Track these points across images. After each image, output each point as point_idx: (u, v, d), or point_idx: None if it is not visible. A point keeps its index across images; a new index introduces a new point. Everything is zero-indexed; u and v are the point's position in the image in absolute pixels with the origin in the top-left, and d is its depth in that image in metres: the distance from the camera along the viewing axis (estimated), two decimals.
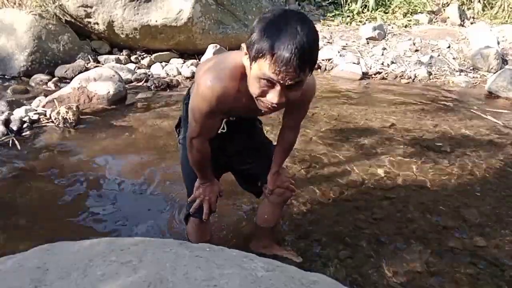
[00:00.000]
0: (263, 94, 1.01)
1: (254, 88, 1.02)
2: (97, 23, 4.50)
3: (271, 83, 0.97)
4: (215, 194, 1.44)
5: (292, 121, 1.39)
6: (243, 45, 1.03)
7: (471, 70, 5.03)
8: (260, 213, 1.69)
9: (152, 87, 3.90)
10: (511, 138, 3.09)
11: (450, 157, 2.69)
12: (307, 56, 0.93)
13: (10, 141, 2.61)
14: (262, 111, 1.10)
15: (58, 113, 2.90)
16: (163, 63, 4.63)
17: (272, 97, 0.99)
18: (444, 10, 6.40)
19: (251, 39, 0.97)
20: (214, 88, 1.10)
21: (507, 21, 6.11)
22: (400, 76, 4.76)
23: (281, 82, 0.95)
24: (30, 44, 4.04)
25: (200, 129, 1.22)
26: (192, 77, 4.13)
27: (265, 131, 1.68)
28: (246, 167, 1.53)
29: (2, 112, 2.93)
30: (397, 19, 6.19)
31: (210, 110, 1.14)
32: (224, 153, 1.47)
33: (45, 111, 3.06)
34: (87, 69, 3.95)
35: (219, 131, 1.34)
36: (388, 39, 5.56)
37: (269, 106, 1.03)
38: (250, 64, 0.99)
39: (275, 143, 1.50)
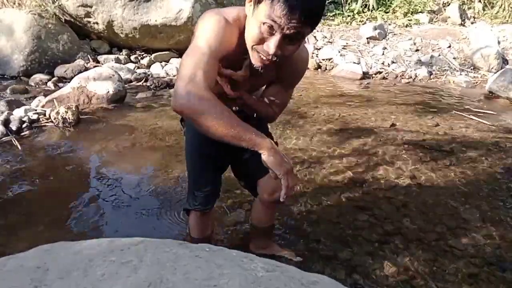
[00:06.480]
0: (260, 41, 0.97)
1: (252, 34, 0.97)
2: (97, 23, 4.51)
3: (271, 29, 0.94)
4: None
5: (272, 92, 1.26)
6: None
7: (471, 69, 5.03)
8: (254, 212, 1.68)
9: (151, 86, 3.91)
10: (511, 138, 3.09)
11: (451, 157, 2.69)
12: (312, 5, 0.91)
13: (10, 141, 2.61)
14: (256, 66, 1.02)
15: (58, 113, 2.90)
16: (163, 63, 4.63)
17: (270, 45, 0.95)
18: (444, 9, 6.40)
19: None
20: (220, 20, 1.01)
21: (507, 20, 6.11)
22: (400, 76, 4.76)
23: (283, 27, 0.92)
24: (29, 44, 4.04)
25: (197, 65, 0.95)
26: None
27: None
28: (250, 164, 1.50)
29: (2, 112, 2.92)
30: (397, 18, 6.19)
31: (215, 41, 0.99)
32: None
33: (45, 111, 3.06)
34: (86, 69, 3.95)
35: None
36: (388, 38, 5.56)
37: (264, 58, 0.99)
38: (254, 8, 0.96)
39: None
